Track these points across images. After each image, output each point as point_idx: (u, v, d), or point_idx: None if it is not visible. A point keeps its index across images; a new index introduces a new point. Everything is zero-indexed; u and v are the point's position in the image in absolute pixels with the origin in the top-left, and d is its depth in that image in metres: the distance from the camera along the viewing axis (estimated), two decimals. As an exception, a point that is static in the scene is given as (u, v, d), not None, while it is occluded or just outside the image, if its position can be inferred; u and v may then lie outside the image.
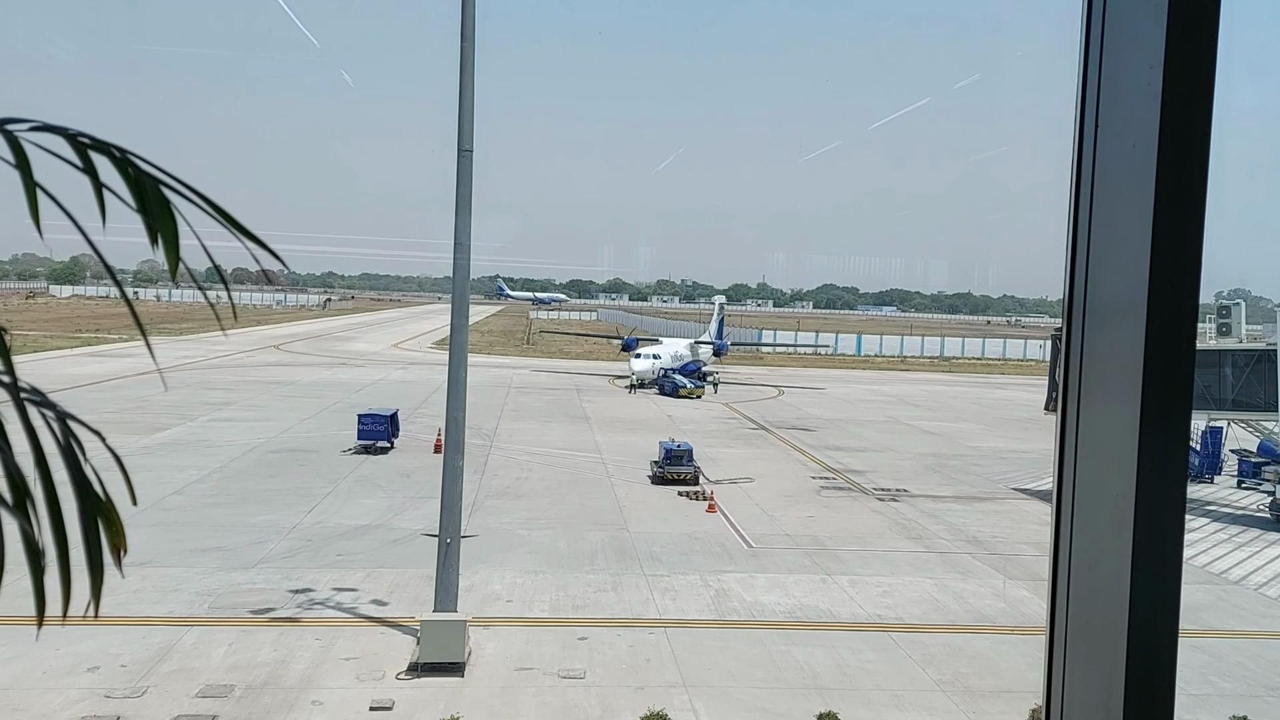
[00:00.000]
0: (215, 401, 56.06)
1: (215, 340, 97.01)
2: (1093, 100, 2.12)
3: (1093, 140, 2.12)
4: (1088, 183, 2.13)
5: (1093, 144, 2.12)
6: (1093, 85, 2.12)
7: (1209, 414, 42.24)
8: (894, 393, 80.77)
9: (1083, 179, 2.14)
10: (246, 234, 1.74)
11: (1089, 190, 2.13)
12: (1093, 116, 2.12)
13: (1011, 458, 50.20)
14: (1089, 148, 2.13)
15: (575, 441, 48.94)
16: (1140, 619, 1.98)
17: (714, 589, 26.43)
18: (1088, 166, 2.13)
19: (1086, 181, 2.13)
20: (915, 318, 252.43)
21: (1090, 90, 2.12)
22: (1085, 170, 2.13)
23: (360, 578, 25.92)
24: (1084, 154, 2.14)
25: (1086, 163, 2.13)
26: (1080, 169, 2.15)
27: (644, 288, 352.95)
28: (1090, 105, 2.12)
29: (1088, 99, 2.13)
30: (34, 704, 17.97)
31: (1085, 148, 2.14)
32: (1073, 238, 2.18)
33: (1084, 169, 2.14)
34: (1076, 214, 2.16)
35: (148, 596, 23.52)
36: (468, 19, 21.71)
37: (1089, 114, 2.13)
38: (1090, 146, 2.12)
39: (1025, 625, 24.60)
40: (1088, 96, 2.13)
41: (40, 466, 1.56)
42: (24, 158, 1.55)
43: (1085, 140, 2.14)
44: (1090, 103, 2.12)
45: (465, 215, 22.26)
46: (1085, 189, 2.14)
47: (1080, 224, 2.15)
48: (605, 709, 18.86)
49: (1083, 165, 2.14)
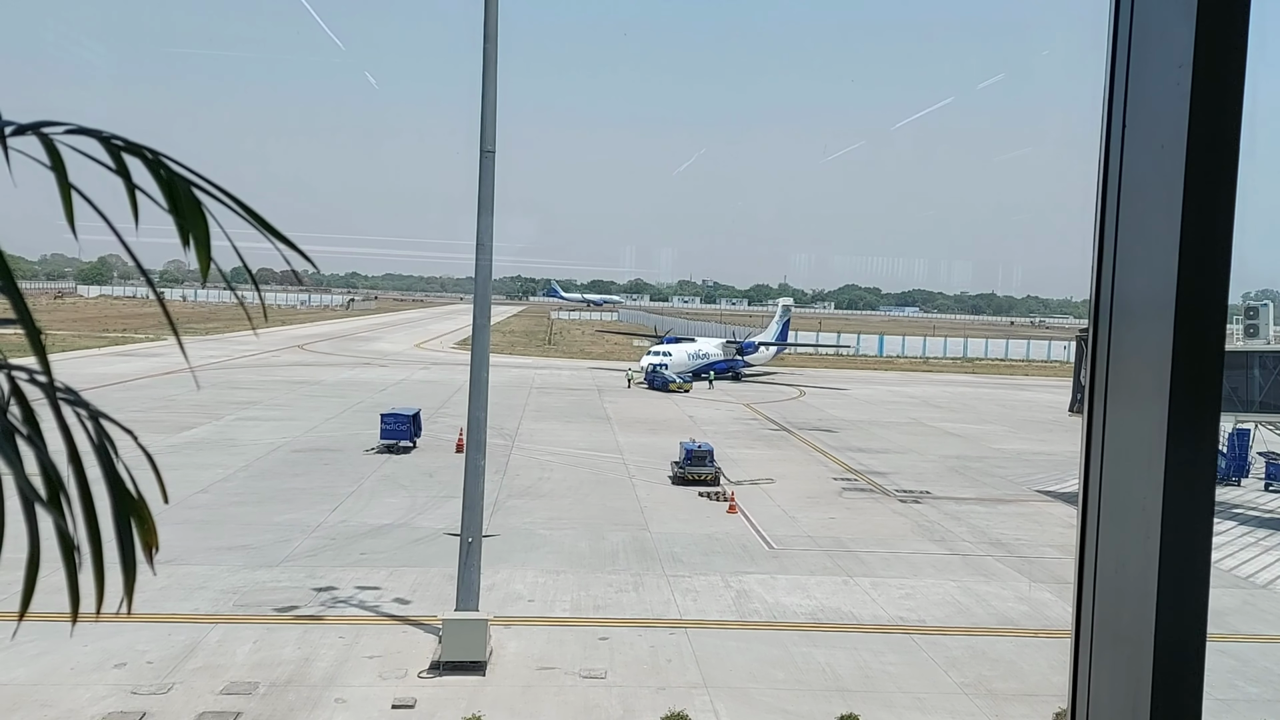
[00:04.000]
0: (241, 401, 56.51)
1: (241, 340, 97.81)
2: (1120, 100, 2.11)
3: (1120, 140, 2.11)
4: (1115, 183, 2.12)
5: (1120, 144, 2.11)
6: (1120, 85, 2.11)
7: (1236, 416, 41.74)
8: (917, 394, 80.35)
9: (1110, 179, 2.13)
10: (277, 235, 1.75)
11: (1116, 190, 2.11)
12: (1120, 116, 2.11)
13: (1035, 460, 49.81)
14: (1116, 147, 2.12)
15: (596, 442, 48.99)
16: (1167, 622, 1.97)
17: (735, 590, 26.39)
18: (1115, 166, 2.12)
19: (1114, 182, 2.12)
20: (938, 318, 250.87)
21: (1118, 90, 2.11)
22: (1113, 170, 2.12)
23: (383, 576, 26.06)
24: (1111, 154, 2.13)
25: (1114, 163, 2.12)
26: (1108, 169, 2.14)
27: (665, 288, 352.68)
28: (1118, 105, 2.11)
29: (1115, 98, 2.12)
30: (62, 699, 18.19)
31: (1112, 147, 2.12)
32: (1100, 238, 2.17)
33: (1111, 169, 2.13)
34: (1104, 214, 2.15)
35: (174, 594, 23.74)
36: (490, 20, 21.79)
37: (1116, 113, 2.11)
38: (1118, 146, 2.11)
39: (1049, 628, 24.41)
40: (1115, 96, 2.12)
41: (74, 464, 1.58)
42: (59, 160, 1.57)
43: (1112, 140, 2.13)
44: (1118, 102, 2.11)
45: (487, 216, 22.34)
46: (1113, 189, 2.12)
47: (1107, 224, 2.14)
48: (626, 709, 18.87)
49: (1110, 165, 2.13)
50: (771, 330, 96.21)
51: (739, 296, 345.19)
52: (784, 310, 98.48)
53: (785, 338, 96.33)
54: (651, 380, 75.05)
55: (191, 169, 1.72)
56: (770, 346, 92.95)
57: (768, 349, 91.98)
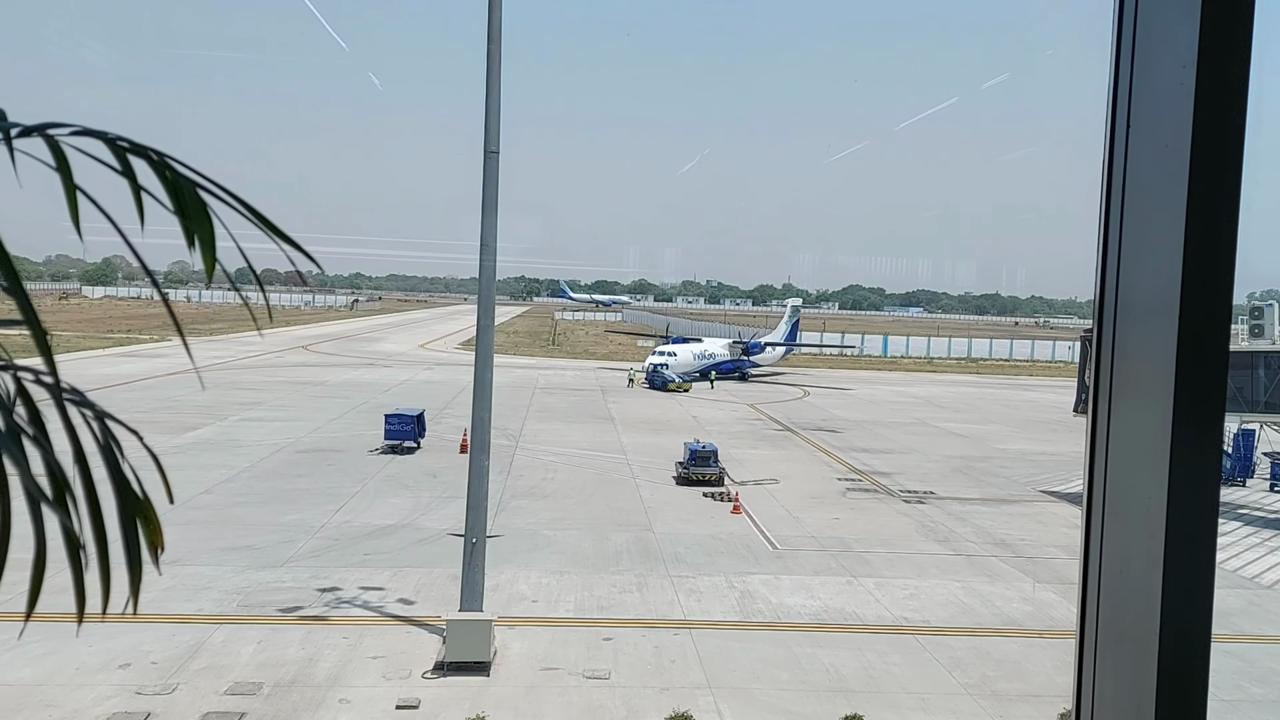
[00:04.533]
0: (245, 401, 56.57)
1: (245, 340, 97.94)
2: (1124, 99, 2.10)
3: (1124, 140, 2.10)
4: (1119, 182, 2.11)
5: (1124, 143, 2.10)
6: (1124, 84, 2.10)
7: (1241, 416, 41.65)
8: (921, 394, 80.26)
9: (1114, 179, 2.13)
10: (281, 236, 1.76)
11: (1120, 190, 2.11)
12: (1124, 116, 2.10)
13: (1040, 460, 49.73)
14: (1120, 147, 2.11)
15: (600, 442, 48.99)
16: (1172, 623, 1.96)
17: (739, 590, 26.38)
18: (1119, 166, 2.11)
19: (1118, 181, 2.11)
20: (942, 319, 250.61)
21: (1122, 89, 2.11)
22: (1117, 170, 2.12)
23: (387, 577, 26.07)
24: (1115, 153, 2.13)
25: (1118, 162, 2.11)
26: (1112, 168, 2.13)
27: (669, 289, 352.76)
28: (1122, 104, 2.11)
29: (1119, 98, 2.12)
30: (66, 700, 18.22)
31: (1117, 147, 2.12)
32: (1104, 238, 2.16)
33: (1115, 168, 2.12)
34: (1108, 214, 2.15)
35: (178, 594, 23.77)
36: (494, 21, 21.79)
37: (1120, 113, 2.11)
38: (1122, 146, 2.11)
39: (1053, 629, 24.36)
40: (1119, 95, 2.12)
41: (80, 464, 1.59)
42: (65, 162, 1.57)
43: (1117, 139, 2.12)
44: (1122, 102, 2.11)
45: (491, 216, 22.35)
46: (1117, 189, 2.12)
47: (1112, 224, 2.13)
48: (630, 710, 18.86)
49: (1114, 165, 2.13)
50: (780, 330, 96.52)
51: (743, 297, 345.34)
52: (793, 310, 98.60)
53: (794, 338, 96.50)
54: (652, 380, 75.54)
55: (196, 170, 1.72)
56: (778, 347, 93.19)
57: (774, 349, 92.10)
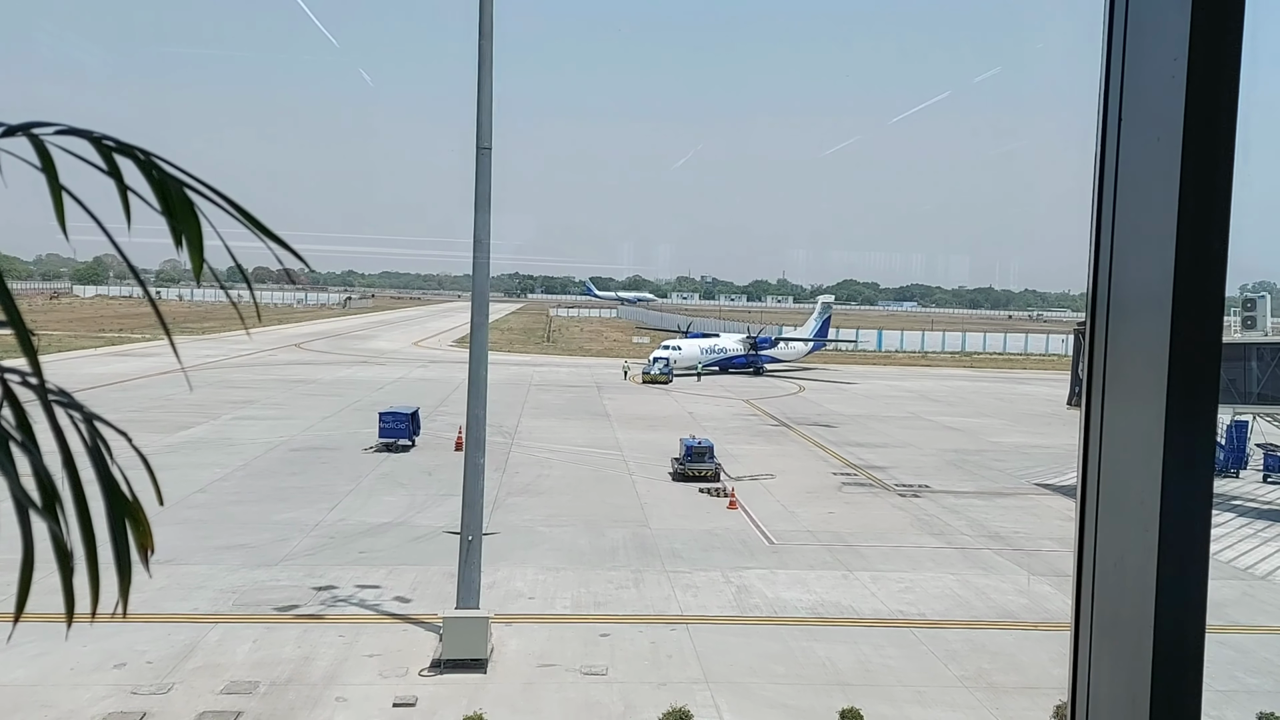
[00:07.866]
0: (237, 400, 56.46)
1: (237, 339, 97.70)
2: (1116, 92, 2.10)
3: (1116, 133, 2.10)
4: (1111, 176, 2.11)
5: (1116, 137, 2.10)
6: (1116, 77, 2.10)
7: (1234, 408, 41.79)
8: (915, 388, 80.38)
9: (1106, 172, 2.13)
10: (269, 234, 1.75)
11: (1113, 183, 2.11)
12: (1116, 109, 2.10)
13: (1034, 453, 49.85)
14: (1112, 140, 2.11)
15: (596, 438, 48.99)
16: (1166, 614, 1.97)
17: (735, 585, 26.41)
18: (1111, 159, 2.11)
19: (1110, 174, 2.11)
20: (936, 313, 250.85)
21: (1114, 82, 2.10)
22: (1109, 163, 2.12)
23: (383, 575, 26.05)
24: (1107, 147, 2.12)
25: (1110, 156, 2.11)
26: (1104, 162, 2.13)
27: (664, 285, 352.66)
28: (1114, 98, 2.10)
29: (1111, 91, 2.11)
30: (62, 700, 18.18)
31: (1108, 140, 2.12)
32: (1096, 231, 2.16)
33: (1107, 162, 2.12)
34: (1100, 207, 2.15)
35: (173, 594, 23.73)
36: (486, 17, 21.74)
37: (1112, 106, 2.11)
38: (1114, 139, 2.10)
39: (1049, 621, 24.43)
40: (1111, 89, 2.11)
41: (68, 467, 1.58)
42: (50, 161, 1.56)
43: (1108, 133, 2.12)
44: (1114, 95, 2.10)
45: (484, 213, 22.30)
46: (1109, 182, 2.12)
47: (1104, 217, 2.13)
48: (627, 705, 18.88)
49: (1106, 158, 2.13)
50: (809, 327, 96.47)
51: (738, 292, 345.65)
52: (824, 308, 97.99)
53: (825, 335, 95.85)
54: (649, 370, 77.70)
55: (183, 169, 1.71)
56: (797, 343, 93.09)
57: (791, 346, 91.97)
